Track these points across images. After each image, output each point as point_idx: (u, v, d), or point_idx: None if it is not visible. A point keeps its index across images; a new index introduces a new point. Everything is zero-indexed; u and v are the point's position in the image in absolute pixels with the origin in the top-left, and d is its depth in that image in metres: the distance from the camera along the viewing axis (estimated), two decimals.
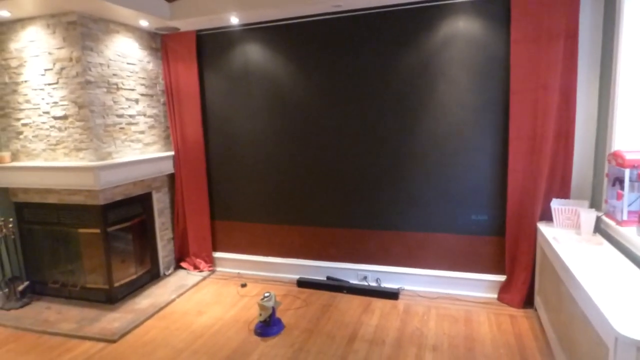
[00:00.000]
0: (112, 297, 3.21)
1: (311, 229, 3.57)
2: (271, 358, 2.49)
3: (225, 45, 3.56)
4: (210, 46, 3.62)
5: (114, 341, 2.72)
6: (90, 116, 3.02)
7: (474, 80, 2.93)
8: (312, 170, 3.48)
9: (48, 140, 3.17)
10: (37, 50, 3.05)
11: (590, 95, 2.73)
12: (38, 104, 3.14)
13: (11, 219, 3.30)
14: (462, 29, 2.90)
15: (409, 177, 3.21)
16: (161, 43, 3.70)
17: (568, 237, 2.45)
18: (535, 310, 2.85)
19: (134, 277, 3.43)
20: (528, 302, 2.92)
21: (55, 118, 3.11)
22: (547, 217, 2.80)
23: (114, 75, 3.23)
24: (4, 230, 3.20)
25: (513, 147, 2.84)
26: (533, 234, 2.85)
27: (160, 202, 3.75)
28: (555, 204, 2.67)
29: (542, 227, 2.69)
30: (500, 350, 2.45)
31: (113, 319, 2.98)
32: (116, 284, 3.24)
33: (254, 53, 3.49)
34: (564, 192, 2.79)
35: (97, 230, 3.13)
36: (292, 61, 3.38)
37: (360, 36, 3.16)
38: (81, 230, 3.19)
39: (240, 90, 3.59)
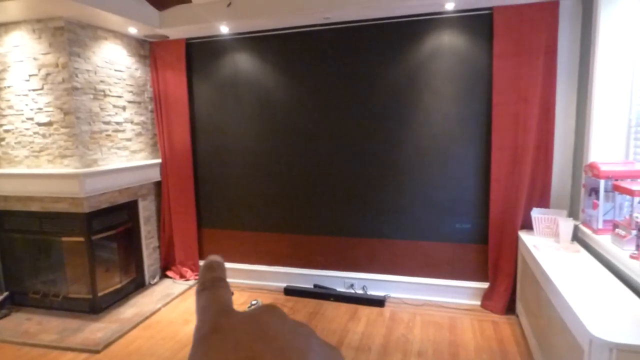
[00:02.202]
0: (95, 307, 3.15)
1: (298, 237, 3.59)
2: None
3: (215, 53, 3.58)
4: (199, 54, 3.63)
5: (97, 352, 2.67)
6: (76, 123, 2.99)
7: (458, 93, 3.02)
8: (300, 179, 3.51)
9: (31, 147, 3.12)
10: (21, 55, 3.01)
11: (568, 109, 2.85)
12: (22, 110, 3.09)
13: None
14: (447, 42, 2.99)
15: (395, 186, 3.27)
16: (150, 50, 3.69)
17: (547, 245, 2.53)
18: (517, 316, 2.93)
19: (118, 286, 3.38)
20: (510, 308, 3.00)
21: (39, 124, 3.06)
22: (528, 225, 2.89)
23: (101, 81, 3.21)
24: None
25: (495, 158, 2.93)
26: (515, 242, 2.94)
27: (146, 210, 3.71)
28: (536, 213, 2.76)
29: (523, 235, 2.78)
30: (483, 356, 2.51)
31: (97, 329, 2.93)
32: (100, 294, 3.18)
33: (243, 62, 3.51)
34: (544, 202, 2.89)
35: (81, 239, 3.08)
36: (281, 71, 3.42)
37: (349, 48, 3.22)
38: (65, 239, 3.13)
39: (229, 98, 3.60)
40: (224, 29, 3.37)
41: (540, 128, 2.83)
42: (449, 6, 2.85)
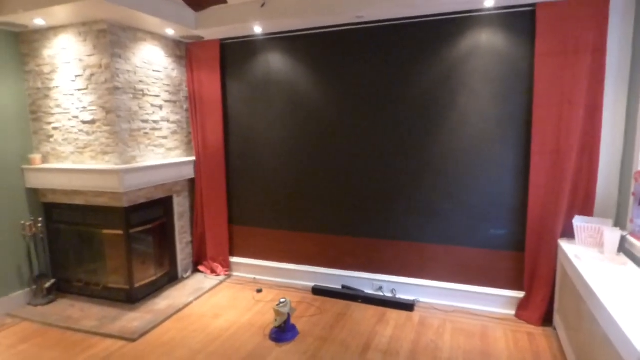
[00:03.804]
0: (132, 297, 3.30)
1: (328, 237, 3.59)
2: None
3: (248, 54, 3.63)
4: (233, 55, 3.69)
5: (133, 340, 2.80)
6: (117, 121, 3.12)
7: (496, 93, 2.90)
8: (330, 179, 3.50)
9: (76, 144, 3.29)
10: (68, 57, 3.18)
11: (617, 112, 2.66)
12: (68, 109, 3.27)
13: (40, 219, 3.43)
14: (485, 41, 2.87)
15: (427, 188, 3.19)
16: (186, 51, 3.80)
17: (590, 255, 2.39)
18: (554, 328, 2.79)
19: (153, 278, 3.52)
20: (547, 320, 2.86)
21: (83, 122, 3.23)
22: (569, 234, 2.74)
23: (140, 81, 3.33)
24: (34, 229, 3.34)
25: (535, 162, 2.80)
26: (554, 251, 2.80)
27: (180, 206, 3.83)
28: (578, 222, 2.61)
29: (564, 244, 2.64)
30: None
31: (133, 319, 3.07)
32: (136, 285, 3.33)
33: (275, 62, 3.54)
34: (587, 210, 2.73)
35: (120, 232, 3.23)
36: (312, 71, 3.42)
37: (382, 47, 3.17)
38: (105, 231, 3.29)
39: (261, 98, 3.65)
40: (258, 29, 3.40)
41: (585, 131, 2.67)
42: (488, 3, 2.73)
